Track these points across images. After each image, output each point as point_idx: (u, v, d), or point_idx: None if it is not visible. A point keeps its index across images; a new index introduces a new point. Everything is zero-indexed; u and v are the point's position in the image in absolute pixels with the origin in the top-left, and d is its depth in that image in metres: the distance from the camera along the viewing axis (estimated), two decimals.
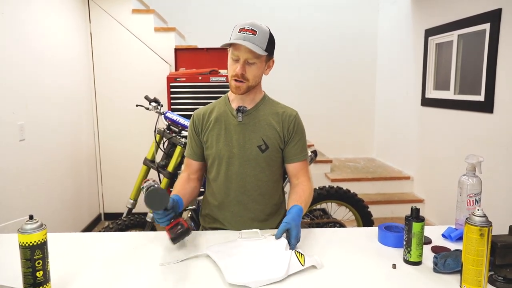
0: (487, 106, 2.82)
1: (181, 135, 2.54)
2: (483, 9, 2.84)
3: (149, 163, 2.50)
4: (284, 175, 1.56)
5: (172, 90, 3.25)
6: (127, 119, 3.63)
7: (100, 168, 3.71)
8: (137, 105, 2.67)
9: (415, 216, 1.11)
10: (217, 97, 1.54)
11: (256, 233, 1.25)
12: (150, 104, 2.59)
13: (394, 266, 1.09)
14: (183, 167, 1.64)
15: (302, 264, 1.06)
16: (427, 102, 3.68)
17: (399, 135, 4.27)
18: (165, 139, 2.57)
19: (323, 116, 4.83)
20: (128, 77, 3.61)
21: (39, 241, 0.91)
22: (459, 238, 1.25)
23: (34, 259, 0.91)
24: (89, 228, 3.49)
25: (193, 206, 2.15)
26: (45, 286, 0.93)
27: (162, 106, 2.62)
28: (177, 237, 1.18)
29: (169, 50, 3.62)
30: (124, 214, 2.55)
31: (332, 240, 1.29)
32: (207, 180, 1.55)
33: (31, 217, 0.93)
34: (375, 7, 4.75)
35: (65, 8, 3.11)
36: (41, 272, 0.92)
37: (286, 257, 1.08)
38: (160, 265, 1.10)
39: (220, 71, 3.30)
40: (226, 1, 4.58)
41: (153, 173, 2.51)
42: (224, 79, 3.21)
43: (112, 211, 3.76)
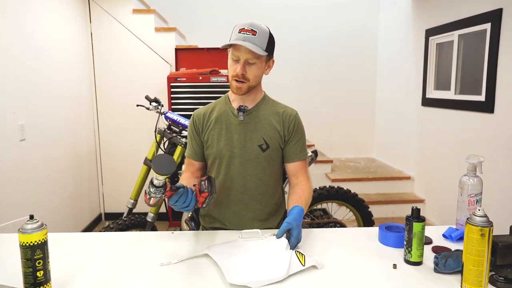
0: (487, 106, 2.81)
1: (181, 135, 2.54)
2: (484, 9, 2.84)
3: (150, 163, 2.50)
4: (284, 175, 1.56)
5: (172, 90, 3.25)
6: (127, 119, 3.63)
7: (101, 169, 3.72)
8: (138, 105, 2.67)
9: (416, 216, 1.11)
10: (217, 97, 1.54)
11: (257, 233, 1.25)
12: (150, 104, 2.60)
13: (394, 266, 1.09)
14: (183, 167, 1.64)
15: (302, 264, 1.06)
16: (427, 102, 3.67)
17: (400, 135, 4.26)
18: (165, 139, 2.58)
19: (323, 116, 4.82)
20: (128, 77, 3.61)
21: (39, 241, 0.91)
22: (460, 238, 1.25)
23: (35, 259, 0.91)
24: (90, 228, 3.49)
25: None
26: (45, 286, 0.93)
27: (162, 106, 2.62)
28: (209, 202, 1.17)
29: (169, 50, 3.62)
30: (124, 214, 2.56)
31: (332, 240, 1.29)
32: None
33: (31, 217, 0.93)
34: (375, 7, 4.74)
35: (66, 9, 3.11)
36: (42, 272, 0.92)
37: (287, 257, 1.08)
38: (160, 265, 1.10)
39: (220, 71, 3.30)
40: (226, 1, 4.58)
41: (153, 173, 2.51)
42: (225, 79, 3.21)
43: (113, 211, 3.77)
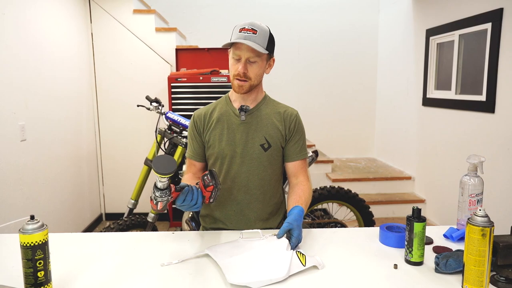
0: (488, 106, 2.81)
1: (182, 135, 2.55)
2: (485, 9, 2.84)
3: (150, 163, 2.50)
4: (284, 175, 1.56)
5: (173, 90, 3.25)
6: (128, 119, 3.63)
7: (101, 169, 3.72)
8: (138, 106, 2.67)
9: (417, 216, 1.10)
10: (218, 97, 1.54)
11: (257, 233, 1.24)
12: (151, 105, 2.60)
13: (395, 266, 1.09)
14: (184, 167, 1.64)
15: (303, 264, 1.06)
16: (428, 102, 3.67)
17: (400, 135, 4.26)
18: (166, 139, 2.58)
19: (324, 116, 4.82)
20: (129, 78, 3.61)
21: (40, 241, 0.91)
22: (461, 238, 1.25)
23: (35, 259, 0.91)
24: (90, 228, 3.49)
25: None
26: (46, 286, 0.93)
27: (163, 106, 2.63)
28: (216, 196, 1.20)
29: (170, 50, 3.62)
30: (125, 214, 2.56)
31: (333, 240, 1.29)
32: None
33: (32, 217, 0.93)
34: (376, 7, 4.74)
35: (66, 9, 3.11)
36: (42, 272, 0.92)
37: (287, 257, 1.08)
38: (161, 265, 1.10)
39: (221, 71, 3.30)
40: (227, 1, 4.58)
41: (154, 173, 2.51)
42: (225, 79, 3.21)
43: (114, 211, 3.77)
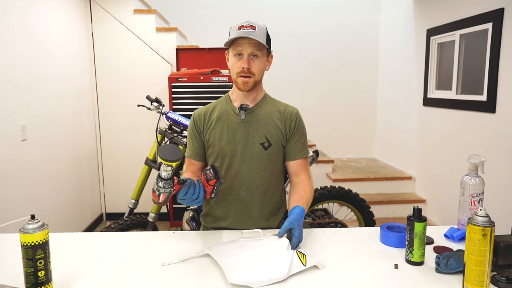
0: (489, 106, 2.81)
1: (182, 135, 2.55)
2: (486, 9, 2.84)
3: (151, 163, 2.50)
4: (285, 174, 1.56)
5: (173, 90, 3.25)
6: (129, 119, 3.63)
7: (102, 169, 3.72)
8: (139, 105, 2.67)
9: (417, 216, 1.10)
10: (219, 97, 1.54)
11: (258, 233, 1.24)
12: (151, 104, 2.60)
13: (396, 266, 1.09)
14: (184, 167, 1.64)
15: (304, 264, 1.06)
16: (429, 102, 3.67)
17: (401, 135, 4.26)
18: (166, 139, 2.58)
19: (324, 116, 4.82)
20: (129, 77, 3.61)
21: (41, 240, 0.92)
22: (462, 238, 1.25)
23: (36, 258, 0.91)
24: (91, 228, 3.49)
25: (194, 206, 2.15)
26: (47, 285, 0.94)
27: (163, 106, 2.63)
28: (217, 191, 1.20)
29: (170, 50, 3.62)
30: (125, 214, 2.56)
31: (333, 240, 1.29)
32: None
33: (32, 216, 0.93)
34: (376, 7, 4.74)
35: (67, 9, 3.11)
36: (43, 272, 0.92)
37: (288, 257, 1.08)
38: (161, 265, 1.10)
39: (221, 71, 3.30)
40: (227, 1, 4.57)
41: (154, 173, 2.51)
42: (226, 79, 3.21)
43: (114, 211, 3.77)
